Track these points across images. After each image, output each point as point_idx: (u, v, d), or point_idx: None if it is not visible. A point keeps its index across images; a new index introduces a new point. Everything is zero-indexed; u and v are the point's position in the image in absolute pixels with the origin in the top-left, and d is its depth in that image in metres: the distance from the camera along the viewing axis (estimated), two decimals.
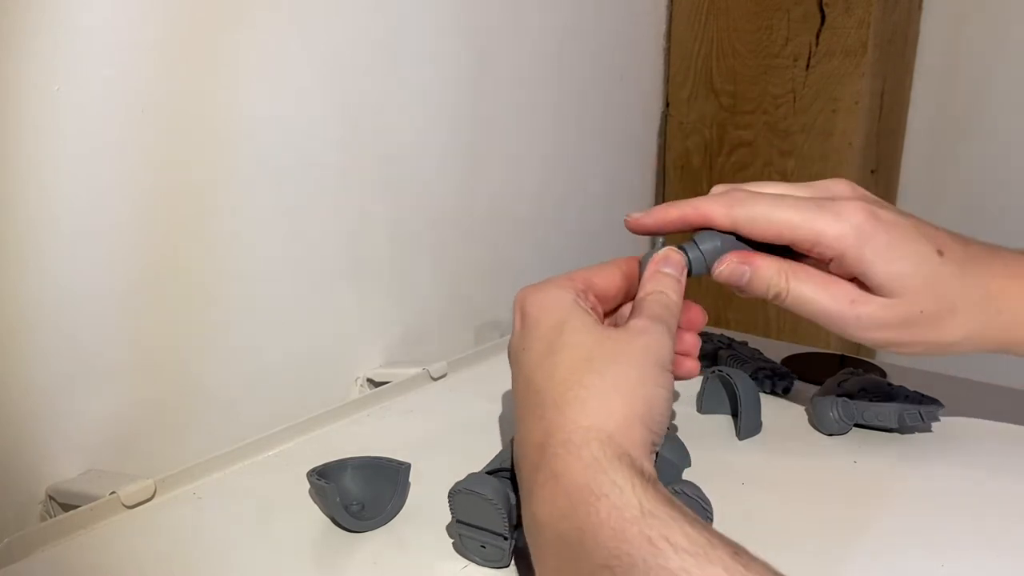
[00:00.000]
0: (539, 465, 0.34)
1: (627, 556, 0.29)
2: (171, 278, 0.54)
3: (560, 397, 0.35)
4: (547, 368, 0.37)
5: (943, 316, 0.42)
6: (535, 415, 0.36)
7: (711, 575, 0.28)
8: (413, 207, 0.71)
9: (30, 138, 0.45)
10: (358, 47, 0.63)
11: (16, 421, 0.48)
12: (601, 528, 0.30)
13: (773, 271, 0.43)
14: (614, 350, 0.37)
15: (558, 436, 0.34)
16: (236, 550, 0.43)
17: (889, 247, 0.41)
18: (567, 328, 0.38)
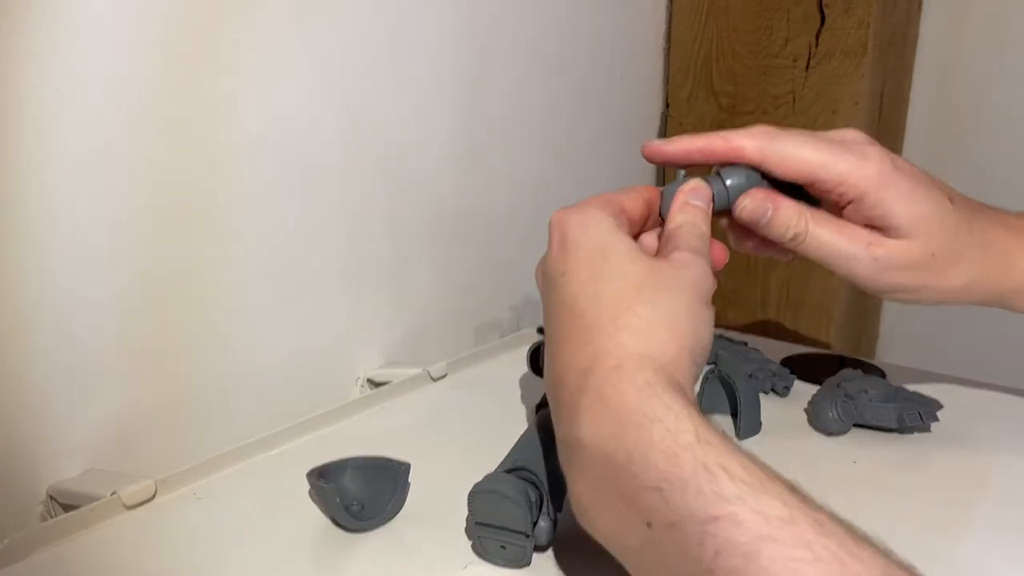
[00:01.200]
0: (584, 388, 0.33)
1: (679, 480, 0.28)
2: (171, 278, 0.54)
3: (610, 323, 0.34)
4: (593, 293, 0.36)
5: (952, 260, 0.44)
6: (580, 339, 0.35)
7: (767, 506, 0.27)
8: (413, 207, 0.71)
9: (30, 138, 0.45)
10: (358, 47, 0.63)
11: (17, 421, 0.48)
12: (652, 450, 0.29)
13: (794, 212, 0.43)
14: (664, 281, 0.36)
15: (608, 361, 0.33)
16: (236, 550, 0.43)
17: (910, 190, 0.43)
18: (613, 254, 0.37)
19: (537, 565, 0.41)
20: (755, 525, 0.26)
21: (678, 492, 0.28)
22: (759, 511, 0.27)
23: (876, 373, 0.64)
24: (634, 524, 0.30)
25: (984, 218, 0.46)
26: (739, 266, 1.00)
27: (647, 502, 0.29)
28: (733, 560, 0.26)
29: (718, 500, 0.27)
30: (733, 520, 0.27)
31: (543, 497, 0.41)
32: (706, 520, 0.27)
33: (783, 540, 0.26)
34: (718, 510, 0.27)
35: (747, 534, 0.26)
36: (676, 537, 0.28)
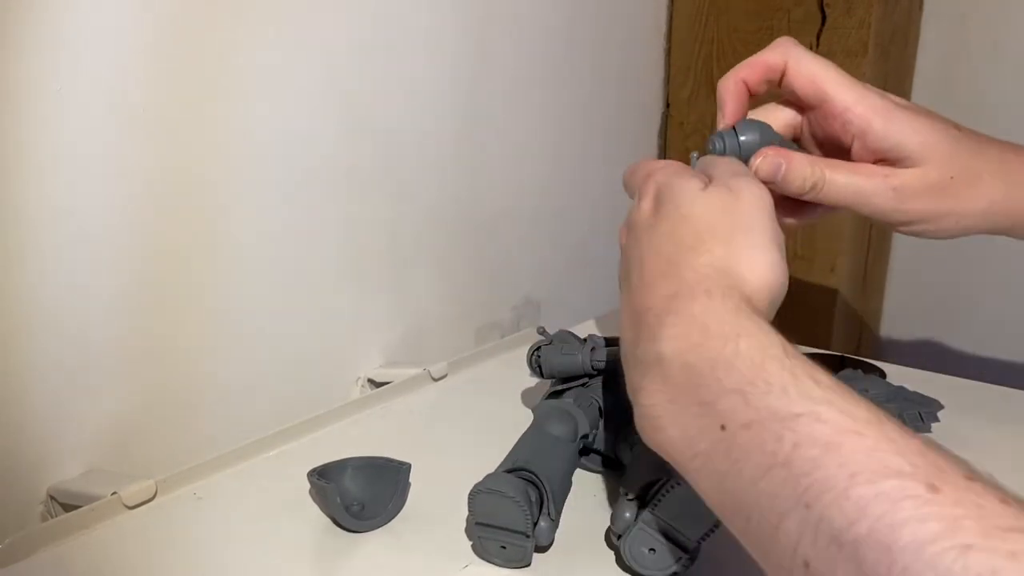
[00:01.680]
0: (670, 310, 0.34)
1: (763, 383, 0.29)
2: (172, 279, 0.54)
3: (693, 260, 0.35)
4: (674, 238, 0.37)
5: (970, 181, 0.45)
6: (667, 275, 0.36)
7: (854, 408, 0.27)
8: (413, 207, 0.71)
9: (31, 138, 0.45)
10: (358, 48, 0.63)
11: (17, 421, 0.48)
12: (738, 357, 0.30)
13: (807, 163, 0.44)
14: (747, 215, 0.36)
15: (697, 287, 0.34)
16: (237, 550, 0.43)
17: (914, 119, 0.44)
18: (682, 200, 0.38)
19: (537, 565, 0.41)
20: (840, 422, 0.26)
21: (761, 393, 0.28)
22: (844, 411, 0.27)
23: (876, 373, 0.64)
24: (708, 428, 0.30)
25: (997, 144, 0.47)
26: None
27: (726, 404, 0.29)
28: (812, 451, 0.26)
29: (803, 399, 0.27)
30: (816, 417, 0.27)
31: (544, 497, 0.41)
32: (787, 417, 0.27)
33: (867, 435, 0.26)
34: (802, 408, 0.27)
35: (830, 428, 0.26)
36: (752, 436, 0.28)
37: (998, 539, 0.21)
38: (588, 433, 0.48)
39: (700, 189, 0.38)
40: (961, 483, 0.23)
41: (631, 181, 0.43)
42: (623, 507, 0.40)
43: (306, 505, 0.46)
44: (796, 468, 0.26)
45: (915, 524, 0.22)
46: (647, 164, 0.43)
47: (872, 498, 0.23)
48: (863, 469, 0.24)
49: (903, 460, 0.24)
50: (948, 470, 0.24)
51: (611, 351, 0.51)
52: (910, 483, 0.23)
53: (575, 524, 0.44)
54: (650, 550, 0.39)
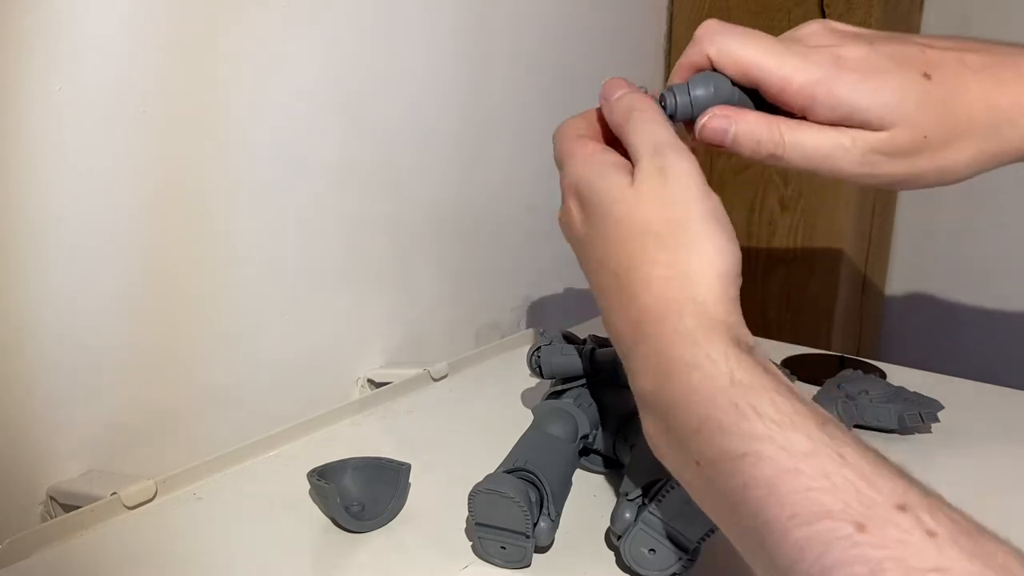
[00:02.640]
0: (637, 340, 0.35)
1: (715, 421, 0.30)
2: (172, 279, 0.54)
3: (643, 280, 0.35)
4: (617, 255, 0.36)
5: (948, 138, 0.40)
6: (623, 297, 0.36)
7: (793, 441, 0.28)
8: (414, 208, 0.71)
9: (31, 138, 0.45)
10: (359, 48, 0.63)
11: (17, 422, 0.48)
12: (694, 394, 0.31)
13: (762, 125, 0.40)
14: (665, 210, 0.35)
15: (649, 315, 0.34)
16: (237, 550, 0.43)
17: (863, 81, 0.39)
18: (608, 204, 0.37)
19: (537, 566, 0.41)
20: (778, 460, 0.28)
21: (716, 433, 0.30)
22: (784, 447, 0.28)
23: (876, 373, 0.64)
24: (687, 463, 0.32)
25: (985, 80, 0.40)
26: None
27: (694, 444, 0.31)
28: (758, 492, 0.27)
29: (747, 439, 0.29)
30: (758, 457, 0.28)
31: (544, 497, 0.41)
32: (735, 457, 0.29)
33: (804, 472, 0.27)
34: (745, 448, 0.29)
35: (771, 468, 0.28)
36: (716, 473, 0.30)
37: (979, 556, 0.22)
38: (588, 433, 0.48)
39: (623, 186, 0.36)
40: (889, 518, 0.25)
41: (557, 153, 0.42)
42: (623, 507, 0.40)
43: (306, 505, 0.46)
44: (748, 508, 0.28)
45: (844, 568, 0.24)
46: (566, 141, 0.41)
47: (806, 541, 0.25)
48: (800, 511, 0.26)
49: (834, 499, 0.26)
50: (878, 503, 0.25)
51: (611, 351, 0.51)
52: (840, 524, 0.25)
53: (575, 524, 0.44)
54: (650, 550, 0.39)
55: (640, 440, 0.46)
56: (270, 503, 0.48)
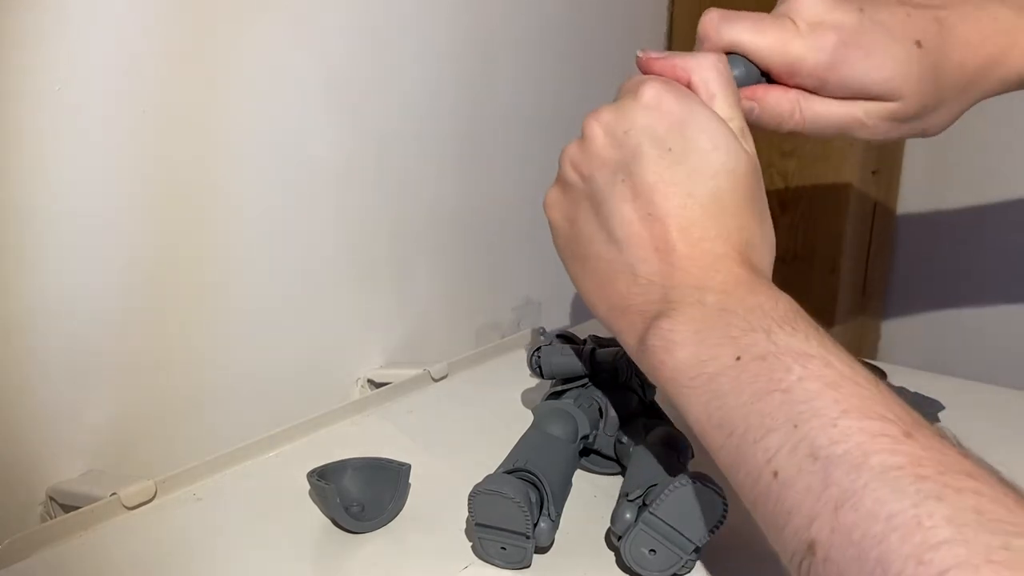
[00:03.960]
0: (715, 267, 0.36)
1: (791, 328, 0.32)
2: (171, 279, 0.54)
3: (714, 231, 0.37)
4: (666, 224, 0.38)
5: (941, 102, 0.44)
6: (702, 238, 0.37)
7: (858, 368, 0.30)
8: (414, 208, 0.71)
9: (30, 138, 0.45)
10: (359, 48, 0.63)
11: (17, 422, 0.48)
12: (775, 308, 0.33)
13: (783, 101, 0.43)
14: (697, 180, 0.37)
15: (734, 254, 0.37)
16: (236, 551, 0.43)
17: (867, 58, 0.42)
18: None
19: (537, 566, 0.41)
20: (844, 371, 0.30)
21: (785, 335, 0.31)
22: (850, 365, 0.30)
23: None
24: (723, 356, 0.32)
25: (954, 41, 0.44)
26: None
27: (749, 339, 0.32)
28: (814, 385, 0.29)
29: (819, 347, 0.31)
30: (826, 362, 0.30)
31: (544, 498, 0.41)
32: (801, 355, 0.30)
33: (864, 386, 0.29)
34: (815, 352, 0.30)
35: (835, 373, 0.29)
36: (764, 365, 0.31)
37: (949, 476, 0.25)
38: (588, 433, 0.48)
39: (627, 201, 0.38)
40: (932, 436, 0.27)
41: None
42: (624, 508, 0.40)
43: (306, 505, 0.46)
44: (796, 395, 0.29)
45: (885, 455, 0.26)
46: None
47: (856, 430, 0.27)
48: (854, 408, 0.28)
49: (888, 410, 0.28)
50: (924, 426, 0.28)
51: (611, 351, 0.51)
52: (890, 427, 0.27)
53: (575, 525, 0.44)
54: (651, 551, 0.39)
55: (640, 441, 0.46)
56: (270, 503, 0.48)
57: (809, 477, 0.27)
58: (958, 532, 0.22)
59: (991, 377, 0.64)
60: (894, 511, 0.24)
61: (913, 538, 0.23)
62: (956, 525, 0.23)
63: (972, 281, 0.99)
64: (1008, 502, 0.24)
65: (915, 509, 0.23)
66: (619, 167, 0.38)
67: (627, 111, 0.39)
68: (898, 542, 0.23)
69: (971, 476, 0.25)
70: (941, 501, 0.23)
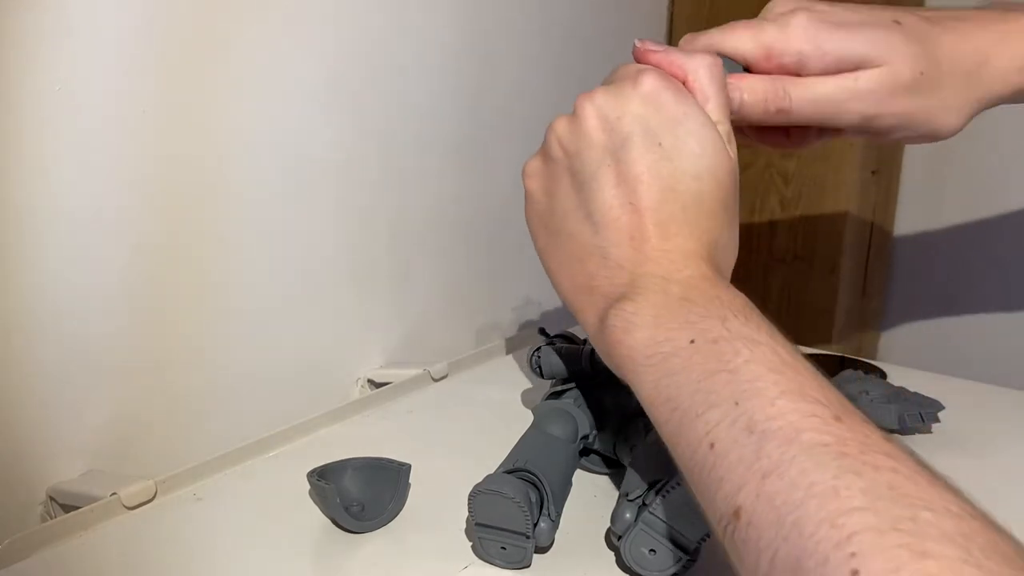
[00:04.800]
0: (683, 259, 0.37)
1: (744, 318, 0.33)
2: (171, 279, 0.54)
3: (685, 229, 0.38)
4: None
5: (941, 78, 0.43)
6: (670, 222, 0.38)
7: (801, 360, 0.31)
8: (414, 207, 0.71)
9: (30, 138, 0.45)
10: (360, 47, 0.63)
11: (17, 422, 0.48)
12: (733, 301, 0.34)
13: (766, 83, 0.43)
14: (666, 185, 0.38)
15: (700, 252, 0.38)
16: (237, 551, 0.43)
17: (841, 29, 0.42)
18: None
19: (537, 566, 0.41)
20: (788, 360, 0.31)
21: (739, 323, 0.33)
22: (794, 356, 0.31)
23: (877, 374, 0.64)
24: (678, 339, 0.33)
25: (942, 30, 0.44)
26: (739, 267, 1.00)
27: (706, 324, 0.33)
28: (759, 368, 0.30)
29: (770, 337, 0.32)
30: (773, 350, 0.31)
31: (544, 498, 0.41)
32: (751, 341, 0.32)
33: (804, 374, 0.30)
34: (764, 340, 0.32)
35: (779, 360, 0.31)
36: (715, 348, 0.32)
37: (870, 455, 0.26)
38: (588, 433, 0.48)
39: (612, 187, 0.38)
40: (859, 423, 0.28)
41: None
42: (623, 508, 0.40)
43: (306, 505, 0.46)
44: (740, 375, 0.30)
45: (815, 432, 0.27)
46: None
47: (791, 409, 0.28)
48: (792, 391, 0.29)
49: (823, 396, 0.29)
50: (854, 412, 0.29)
51: None
52: (823, 410, 0.28)
53: (575, 524, 0.44)
54: (650, 551, 0.39)
55: (640, 441, 0.46)
56: (270, 503, 0.48)
57: (742, 449, 0.28)
58: (870, 502, 0.24)
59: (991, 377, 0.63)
60: (815, 480, 0.25)
61: (829, 505, 0.24)
62: (870, 497, 0.24)
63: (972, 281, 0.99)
64: (921, 481, 0.25)
65: (834, 480, 0.25)
66: (607, 151, 0.39)
67: (623, 97, 0.40)
68: (815, 508, 0.25)
69: (890, 456, 0.26)
70: (859, 476, 0.25)
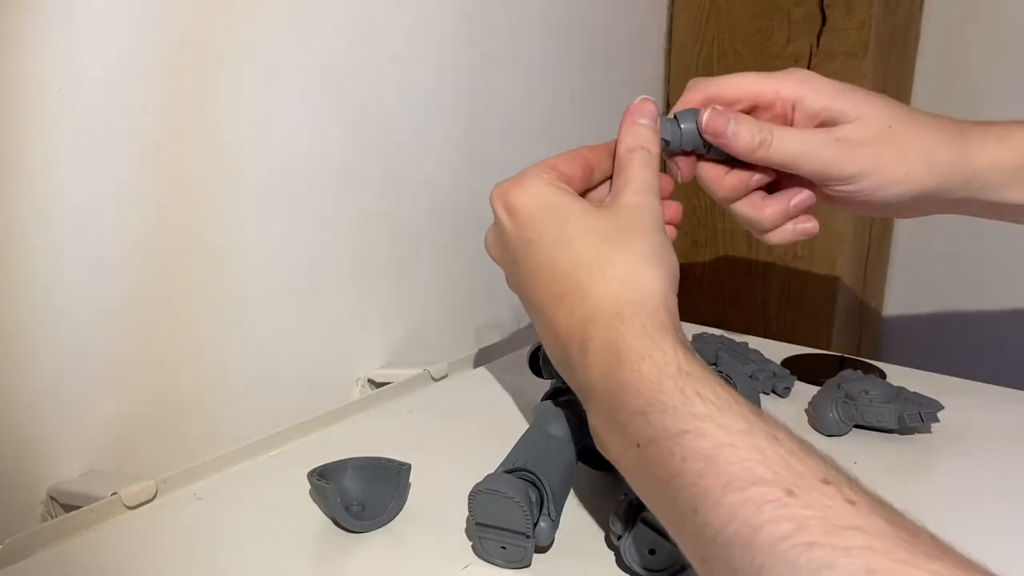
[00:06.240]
0: (590, 337, 0.37)
1: (659, 403, 0.32)
2: (171, 279, 0.54)
3: (599, 277, 0.38)
4: (569, 254, 0.39)
5: (908, 132, 0.46)
6: (575, 296, 0.38)
7: (731, 422, 0.31)
8: (414, 208, 0.71)
9: (31, 138, 0.45)
10: (360, 47, 0.63)
11: (17, 422, 0.48)
12: (641, 381, 0.34)
13: (755, 121, 0.46)
14: (628, 227, 0.39)
15: (608, 310, 0.37)
16: (236, 550, 0.43)
17: (841, 87, 0.47)
18: (571, 214, 0.40)
19: (537, 566, 0.41)
20: (717, 436, 0.30)
21: (658, 413, 0.32)
22: (722, 426, 0.31)
23: (876, 374, 0.64)
24: (628, 446, 0.34)
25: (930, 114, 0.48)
26: (739, 266, 1.00)
27: (635, 425, 0.33)
28: (696, 464, 0.30)
29: (689, 418, 0.31)
30: (699, 433, 0.31)
31: (544, 497, 0.41)
32: (677, 434, 0.31)
33: (739, 446, 0.29)
34: (687, 426, 0.31)
35: (710, 443, 0.30)
36: (654, 451, 0.32)
37: (837, 535, 0.25)
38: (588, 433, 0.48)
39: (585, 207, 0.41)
40: (815, 486, 0.27)
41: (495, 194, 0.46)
42: (623, 507, 0.40)
43: (306, 505, 0.46)
44: (685, 480, 0.30)
45: (772, 525, 0.26)
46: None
47: (740, 504, 0.27)
48: (735, 479, 0.28)
49: (767, 469, 0.28)
50: (806, 475, 0.28)
51: None
52: (770, 489, 0.27)
53: (575, 524, 0.44)
54: (650, 551, 0.39)
55: None
56: (270, 503, 0.48)
57: (720, 563, 0.28)
58: None
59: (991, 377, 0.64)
60: None
61: None
62: None
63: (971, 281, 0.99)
64: (901, 553, 0.24)
65: None
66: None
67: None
68: None
69: (859, 530, 0.25)
70: (834, 569, 0.24)
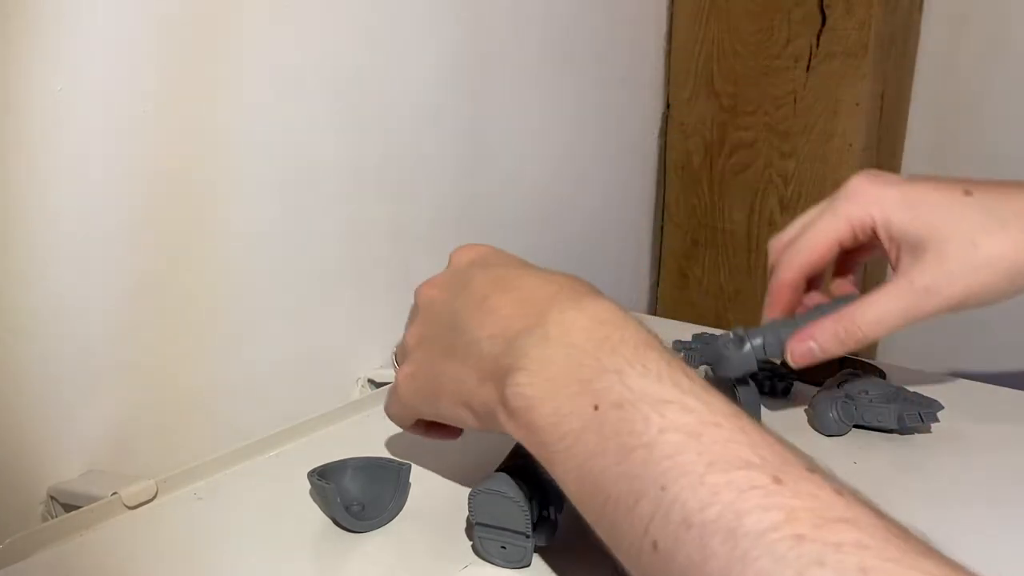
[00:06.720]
0: (555, 302, 0.35)
1: (642, 367, 0.31)
2: (172, 278, 0.54)
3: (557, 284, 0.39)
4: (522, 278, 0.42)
5: (989, 232, 0.44)
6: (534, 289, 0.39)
7: (717, 403, 0.29)
8: (414, 208, 0.71)
9: (31, 139, 0.45)
10: (359, 47, 0.63)
11: (17, 422, 0.48)
12: (624, 343, 0.32)
13: (830, 326, 0.46)
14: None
15: (582, 288, 0.38)
16: (236, 550, 0.43)
17: (907, 196, 0.46)
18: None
19: (537, 565, 0.41)
20: (703, 413, 0.28)
21: (638, 375, 0.30)
22: (708, 404, 0.29)
23: (876, 374, 0.64)
24: (582, 407, 0.31)
25: (1018, 193, 0.45)
26: (739, 266, 1.00)
27: (603, 383, 0.30)
28: (675, 436, 0.28)
29: (674, 388, 0.29)
30: (683, 406, 0.29)
31: (544, 497, 0.41)
32: (657, 402, 0.29)
33: (725, 427, 0.28)
34: (672, 396, 0.29)
35: (694, 418, 0.28)
36: (622, 415, 0.29)
37: (827, 530, 0.23)
38: None
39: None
40: (803, 475, 0.26)
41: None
42: None
43: (306, 505, 0.46)
44: (658, 451, 0.27)
45: (759, 513, 0.24)
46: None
47: (724, 486, 0.25)
48: (719, 459, 0.26)
49: (753, 453, 0.26)
50: (793, 463, 0.26)
51: None
52: (758, 474, 0.25)
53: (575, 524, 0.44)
54: None
55: None
56: (270, 503, 0.48)
57: (688, 547, 0.25)
58: None
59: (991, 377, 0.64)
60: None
61: None
62: None
63: None
64: (892, 551, 0.23)
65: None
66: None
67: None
68: None
69: (850, 523, 0.24)
70: (824, 566, 0.22)
